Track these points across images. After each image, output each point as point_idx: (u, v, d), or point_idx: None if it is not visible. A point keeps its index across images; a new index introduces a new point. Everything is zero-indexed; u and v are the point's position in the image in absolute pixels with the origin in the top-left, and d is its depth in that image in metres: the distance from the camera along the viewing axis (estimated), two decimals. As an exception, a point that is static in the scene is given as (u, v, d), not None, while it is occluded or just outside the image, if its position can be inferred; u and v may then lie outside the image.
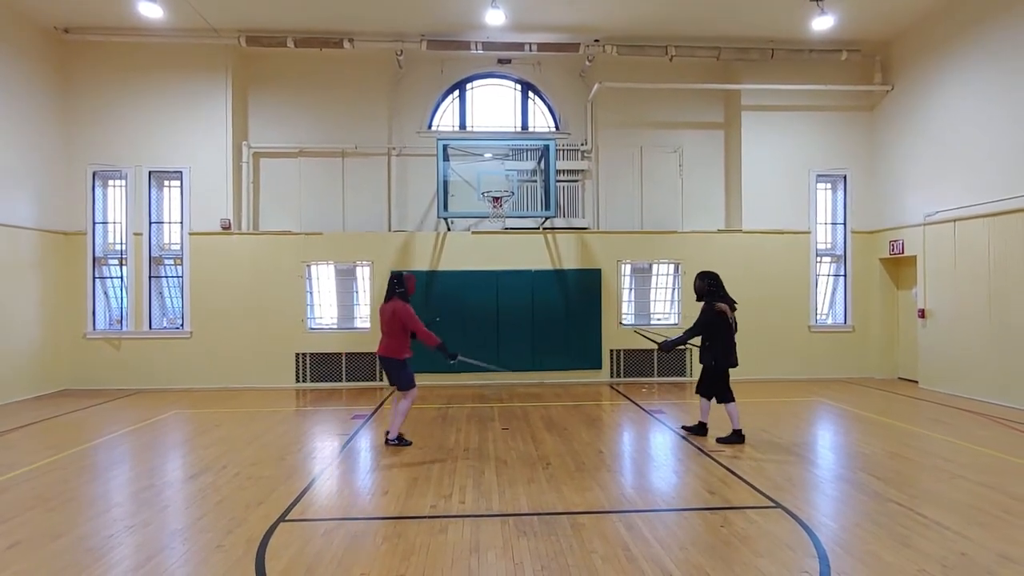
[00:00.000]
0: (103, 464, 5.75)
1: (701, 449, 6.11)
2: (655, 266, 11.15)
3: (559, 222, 11.25)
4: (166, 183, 10.74)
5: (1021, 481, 5.01)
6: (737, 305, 6.35)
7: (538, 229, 10.96)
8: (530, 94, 11.76)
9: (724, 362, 6.26)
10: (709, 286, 6.32)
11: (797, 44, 10.72)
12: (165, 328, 10.53)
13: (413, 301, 6.39)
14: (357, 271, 10.81)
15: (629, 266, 11.04)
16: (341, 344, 10.49)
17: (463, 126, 11.66)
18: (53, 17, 9.70)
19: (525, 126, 11.74)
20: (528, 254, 10.69)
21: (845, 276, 11.22)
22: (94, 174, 10.40)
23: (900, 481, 5.03)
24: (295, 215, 11.12)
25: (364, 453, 6.16)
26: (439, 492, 4.82)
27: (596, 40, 10.67)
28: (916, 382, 10.16)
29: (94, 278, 10.38)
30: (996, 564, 3.48)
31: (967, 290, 8.98)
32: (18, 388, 9.28)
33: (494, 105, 11.74)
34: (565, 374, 10.67)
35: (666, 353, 6.42)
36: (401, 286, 6.23)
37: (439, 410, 8.23)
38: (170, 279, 10.60)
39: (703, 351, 6.37)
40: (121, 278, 10.48)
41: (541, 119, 11.80)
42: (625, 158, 11.54)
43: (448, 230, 10.82)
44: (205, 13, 9.55)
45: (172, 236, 10.68)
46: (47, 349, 9.89)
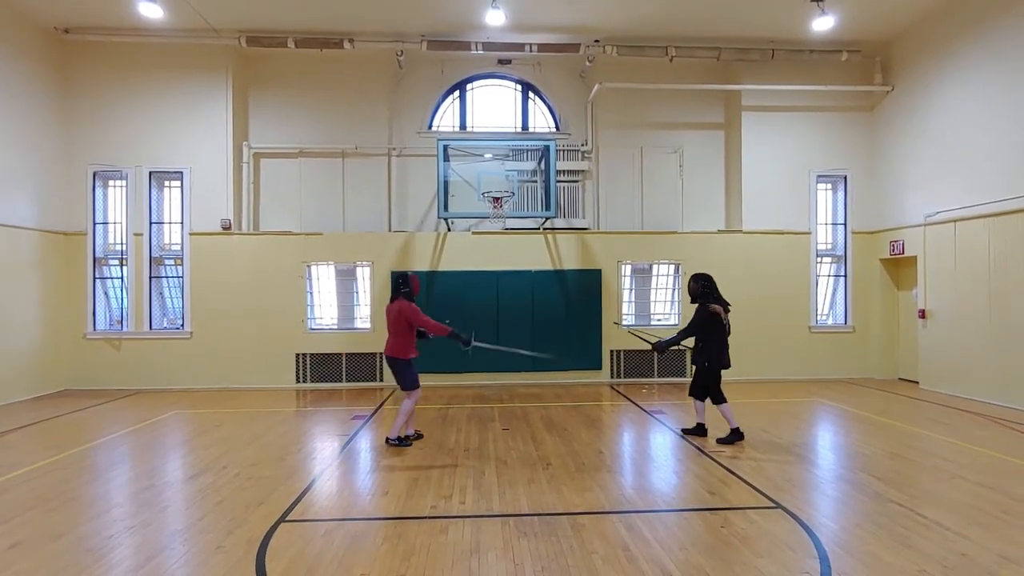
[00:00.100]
0: (103, 464, 5.76)
1: (701, 450, 6.11)
2: (655, 267, 11.15)
3: (559, 222, 11.25)
4: (166, 183, 10.75)
5: (1021, 482, 5.01)
6: (730, 307, 6.40)
7: (538, 229, 10.96)
8: (530, 94, 11.76)
9: (718, 363, 6.30)
10: (703, 288, 6.37)
11: (797, 45, 10.72)
12: (165, 328, 10.53)
13: (415, 301, 6.40)
14: (357, 271, 10.81)
15: (629, 266, 11.04)
16: (341, 344, 10.49)
17: (463, 126, 11.66)
18: (53, 17, 9.70)
19: (525, 126, 11.75)
20: (528, 254, 10.69)
21: (845, 276, 11.22)
22: (94, 174, 10.40)
23: (900, 481, 5.03)
24: (295, 215, 11.12)
25: (364, 453, 6.16)
26: (439, 493, 4.83)
27: (596, 41, 10.67)
28: (916, 382, 10.15)
29: (94, 278, 10.39)
30: (996, 565, 3.48)
31: (967, 291, 8.98)
32: (18, 388, 9.28)
33: (494, 105, 11.74)
34: (565, 375, 10.66)
35: (659, 353, 6.45)
36: (406, 286, 6.25)
37: (439, 410, 8.23)
38: (170, 279, 10.60)
39: (697, 352, 6.40)
40: (121, 278, 10.48)
41: (541, 119, 11.80)
42: (625, 158, 11.54)
43: (448, 230, 10.82)
44: (205, 13, 9.55)
45: (172, 236, 10.68)
46: (47, 349, 9.89)
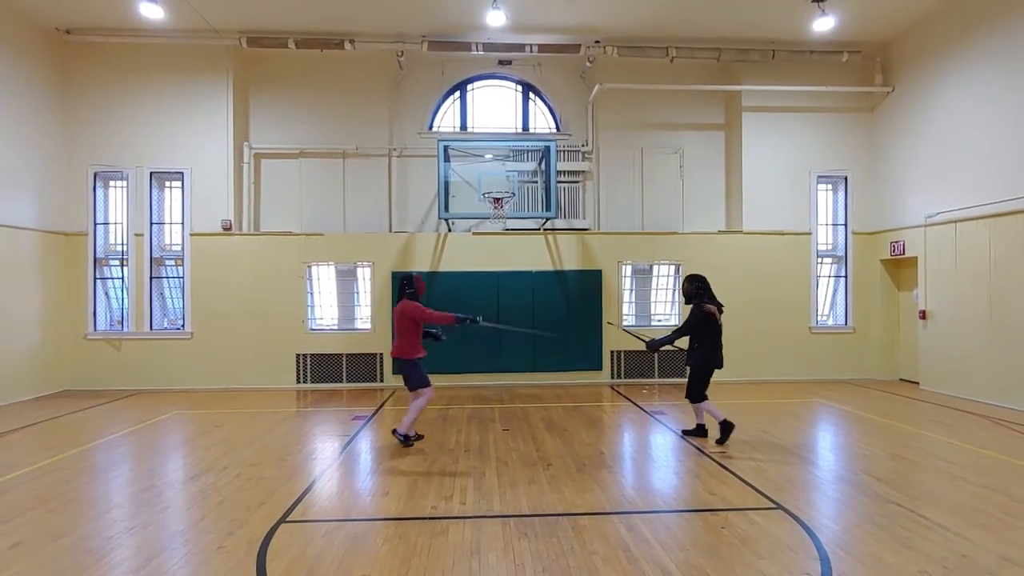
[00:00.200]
0: (104, 465, 5.76)
1: (701, 450, 6.11)
2: (656, 267, 11.15)
3: (560, 223, 11.25)
4: (167, 184, 10.75)
5: (1022, 483, 5.00)
6: (723, 308, 6.45)
7: (539, 230, 10.96)
8: (531, 95, 11.77)
9: (712, 363, 6.35)
10: (697, 289, 6.43)
11: (798, 45, 10.73)
12: (166, 329, 10.54)
13: (421, 303, 6.41)
14: (358, 272, 10.81)
15: (630, 267, 11.04)
16: (342, 345, 10.49)
17: (464, 127, 11.66)
18: (54, 18, 9.71)
19: (526, 127, 11.75)
20: (529, 255, 10.69)
21: (846, 277, 11.22)
22: (95, 175, 10.41)
23: (901, 482, 5.02)
24: (296, 216, 11.12)
25: (365, 454, 6.16)
26: (440, 493, 4.82)
27: (597, 41, 10.67)
28: (917, 383, 10.15)
29: (95, 279, 10.39)
30: (997, 566, 3.48)
31: (968, 291, 8.98)
32: (19, 389, 9.29)
33: (495, 106, 11.75)
34: (565, 375, 10.66)
35: (653, 352, 6.48)
36: (411, 287, 6.27)
37: (440, 411, 8.22)
38: (171, 280, 10.60)
39: (691, 351, 6.43)
40: (122, 279, 10.48)
41: (542, 120, 11.80)
42: (626, 159, 11.55)
43: (449, 231, 10.82)
44: (206, 14, 9.56)
45: (173, 237, 10.69)
46: (48, 350, 9.89)
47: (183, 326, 10.40)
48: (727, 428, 6.32)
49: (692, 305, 6.41)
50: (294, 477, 5.30)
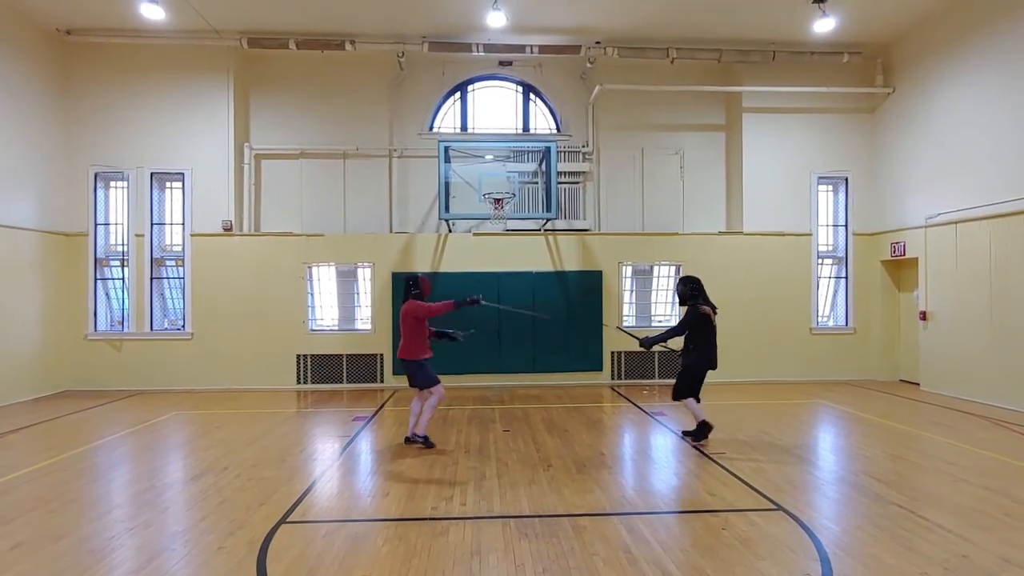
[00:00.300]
0: (104, 465, 5.76)
1: (702, 451, 6.11)
2: (656, 268, 11.15)
3: (560, 224, 11.25)
4: (168, 184, 10.76)
5: (1022, 484, 5.00)
6: (717, 310, 6.48)
7: (539, 231, 10.96)
8: (531, 96, 11.77)
9: (706, 363, 6.37)
10: (691, 291, 6.47)
11: (798, 46, 10.73)
12: (166, 329, 10.54)
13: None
14: (358, 272, 10.81)
15: (630, 268, 11.04)
16: (342, 346, 10.49)
17: (464, 128, 11.67)
18: (55, 18, 9.72)
19: (526, 128, 11.75)
20: (529, 256, 10.69)
21: (846, 278, 11.22)
22: (96, 175, 10.41)
23: (901, 484, 5.02)
24: (296, 216, 11.13)
25: (365, 455, 6.16)
26: (440, 494, 4.82)
27: (597, 42, 10.68)
28: (918, 384, 10.14)
29: (95, 279, 10.39)
30: (997, 567, 3.48)
31: (968, 292, 8.98)
32: (19, 389, 9.29)
33: (495, 107, 11.75)
34: (566, 376, 10.66)
35: (647, 350, 6.51)
36: (416, 287, 6.28)
37: (440, 412, 8.21)
38: (171, 280, 10.61)
39: (686, 351, 6.45)
40: (123, 279, 10.49)
41: (542, 121, 11.81)
42: (626, 160, 11.55)
43: (449, 232, 10.82)
44: (207, 15, 9.57)
45: (174, 237, 10.69)
46: (48, 350, 9.90)
47: (183, 327, 10.41)
48: (705, 428, 6.38)
49: (687, 306, 6.45)
50: (294, 478, 5.30)
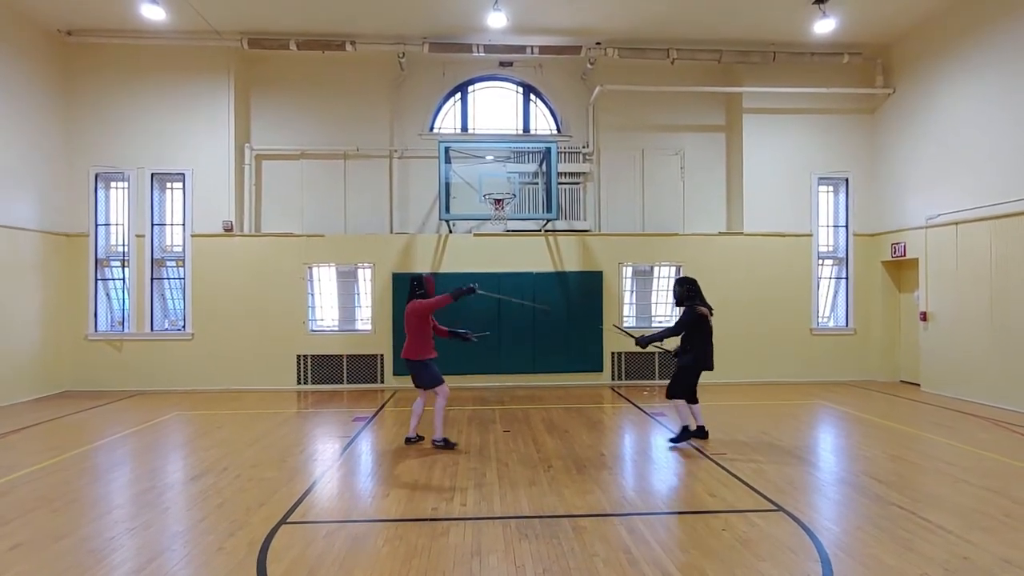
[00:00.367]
0: (105, 466, 5.76)
1: (702, 452, 6.10)
2: (656, 269, 11.15)
3: (560, 224, 11.25)
4: (168, 185, 10.76)
5: (1023, 485, 4.99)
6: (713, 311, 6.49)
7: (540, 231, 10.96)
8: (532, 97, 11.77)
9: (702, 364, 6.37)
10: (688, 291, 6.47)
11: (798, 47, 10.73)
12: (167, 330, 10.54)
13: None
14: (359, 273, 10.81)
15: (630, 268, 11.04)
16: (342, 346, 10.49)
17: (465, 128, 11.67)
18: (55, 19, 9.73)
19: (527, 129, 11.75)
20: (530, 256, 10.69)
21: (847, 279, 11.22)
22: (96, 176, 10.42)
23: (902, 484, 5.02)
24: (297, 217, 11.13)
25: (365, 455, 6.16)
26: (440, 495, 4.82)
27: (597, 43, 10.69)
28: (918, 385, 10.14)
29: (96, 280, 10.40)
30: (998, 568, 3.48)
31: (969, 293, 8.98)
32: (19, 390, 9.29)
33: (496, 108, 11.75)
34: (566, 376, 10.66)
35: (643, 348, 6.52)
36: (421, 288, 6.30)
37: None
38: (172, 281, 10.61)
39: (683, 352, 6.45)
40: (123, 280, 10.49)
41: (543, 122, 11.81)
42: (626, 160, 11.55)
43: (450, 232, 10.83)
44: (207, 15, 9.57)
45: (174, 238, 10.70)
46: (49, 351, 9.90)
47: (184, 327, 10.41)
48: (686, 433, 6.37)
49: (684, 307, 6.44)
50: (295, 478, 5.30)
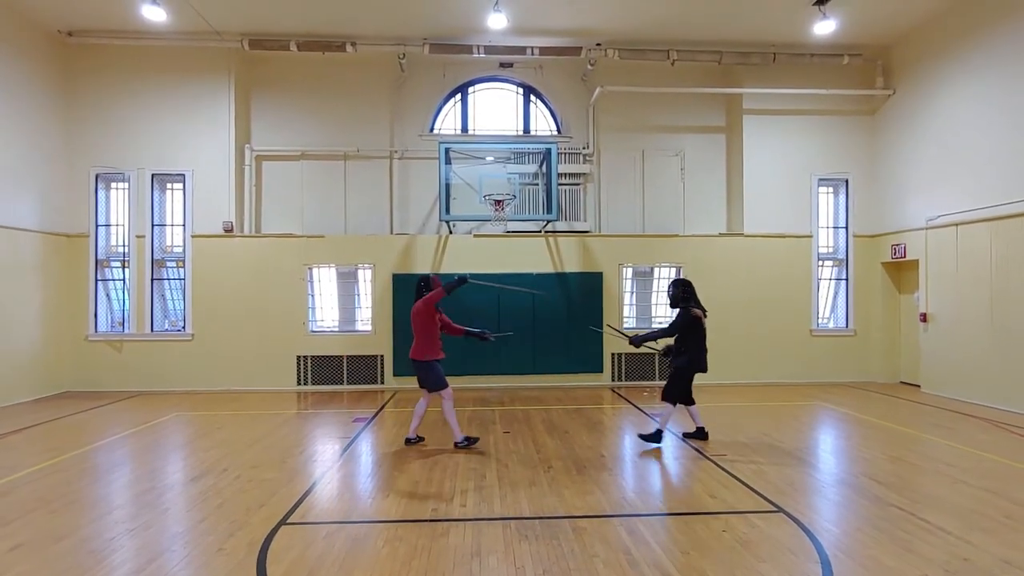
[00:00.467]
0: (105, 466, 5.76)
1: (702, 453, 6.10)
2: (656, 270, 11.15)
3: (561, 225, 11.25)
4: (169, 186, 10.77)
5: (1023, 486, 4.99)
6: (707, 313, 6.50)
7: (540, 232, 10.96)
8: (532, 98, 11.78)
9: (696, 365, 6.38)
10: (683, 293, 6.47)
11: (799, 48, 10.74)
12: (167, 330, 10.54)
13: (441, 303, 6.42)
14: (359, 274, 10.82)
15: (631, 269, 11.04)
16: (342, 347, 10.49)
17: (465, 129, 11.68)
18: (56, 20, 9.74)
19: (527, 130, 11.76)
20: (530, 257, 10.70)
21: (847, 280, 11.22)
22: (97, 177, 10.43)
23: (902, 486, 5.02)
24: (297, 218, 11.13)
25: (365, 456, 6.16)
26: (440, 495, 4.82)
27: (598, 44, 10.70)
28: (918, 386, 10.13)
29: (96, 280, 10.40)
30: (999, 569, 3.47)
31: (969, 294, 8.98)
32: (20, 390, 9.29)
33: (496, 109, 11.76)
34: (566, 377, 10.66)
35: (636, 348, 6.52)
36: (428, 288, 6.31)
37: (440, 413, 8.20)
38: (172, 281, 10.61)
39: (677, 353, 6.46)
40: (123, 280, 10.49)
41: (543, 123, 11.82)
42: (627, 162, 11.55)
43: (450, 233, 10.83)
44: (208, 16, 9.58)
45: (174, 238, 10.70)
46: (49, 351, 9.90)
47: (184, 328, 10.41)
48: (659, 436, 6.37)
49: (679, 308, 6.45)
50: (295, 479, 5.30)
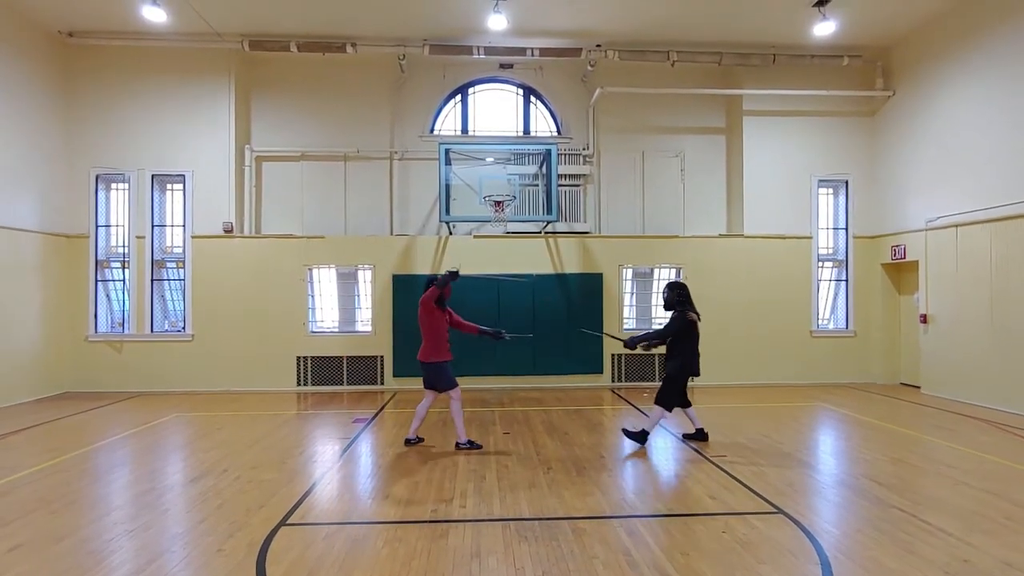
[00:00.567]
0: (105, 467, 5.76)
1: (702, 454, 6.10)
2: (656, 271, 11.15)
3: (561, 226, 11.25)
4: (169, 186, 10.77)
5: (1024, 487, 5.00)
6: (700, 317, 6.50)
7: (540, 233, 10.96)
8: (532, 99, 11.79)
9: (690, 369, 6.37)
10: (678, 297, 6.47)
11: (799, 49, 10.74)
12: (167, 331, 10.54)
13: (449, 303, 6.43)
14: (359, 274, 10.82)
15: (631, 271, 11.04)
16: (342, 348, 10.49)
17: (465, 130, 11.68)
18: (57, 21, 9.75)
19: (527, 131, 11.77)
20: (530, 258, 10.70)
21: (847, 281, 11.22)
22: (97, 177, 10.43)
23: (902, 487, 5.01)
24: (297, 218, 11.14)
25: (365, 457, 6.16)
26: (440, 496, 4.82)
27: (598, 45, 10.70)
28: (918, 387, 10.13)
29: (96, 281, 10.40)
30: (999, 571, 3.47)
31: (969, 295, 8.98)
32: (20, 390, 9.29)
33: (496, 110, 11.76)
34: (566, 378, 10.65)
35: (631, 350, 6.51)
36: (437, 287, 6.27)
37: (441, 414, 8.21)
38: (172, 282, 10.61)
39: (670, 357, 6.45)
40: (123, 281, 10.50)
41: (543, 123, 11.82)
42: (627, 163, 11.56)
43: (450, 234, 10.83)
44: (208, 17, 9.59)
45: (174, 239, 10.70)
46: (49, 352, 9.90)
47: (184, 328, 10.41)
48: (644, 436, 6.36)
49: (674, 312, 6.42)
50: (294, 480, 5.30)
